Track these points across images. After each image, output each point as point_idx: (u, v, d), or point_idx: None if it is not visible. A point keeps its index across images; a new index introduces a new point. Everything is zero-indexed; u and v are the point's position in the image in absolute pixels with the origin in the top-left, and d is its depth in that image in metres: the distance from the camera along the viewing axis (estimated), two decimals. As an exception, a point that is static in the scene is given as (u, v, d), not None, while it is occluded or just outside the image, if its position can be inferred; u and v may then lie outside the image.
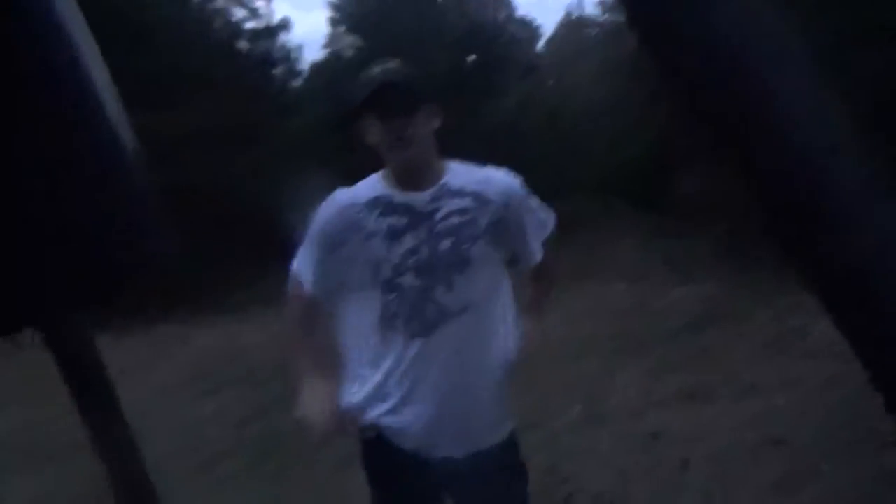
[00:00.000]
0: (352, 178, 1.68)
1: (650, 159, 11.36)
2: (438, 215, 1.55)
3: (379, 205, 1.56)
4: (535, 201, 1.71)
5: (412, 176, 1.57)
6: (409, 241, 1.53)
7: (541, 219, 1.73)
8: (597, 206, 12.95)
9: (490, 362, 1.60)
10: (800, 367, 4.13)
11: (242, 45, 9.92)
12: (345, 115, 1.63)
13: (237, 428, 4.16)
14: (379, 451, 1.60)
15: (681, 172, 8.61)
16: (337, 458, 3.47)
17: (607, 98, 13.47)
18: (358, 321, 1.61)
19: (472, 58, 13.01)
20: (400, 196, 1.56)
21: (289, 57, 10.08)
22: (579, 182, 12.88)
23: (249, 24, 9.78)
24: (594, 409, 3.82)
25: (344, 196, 1.61)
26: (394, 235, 1.54)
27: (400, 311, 1.54)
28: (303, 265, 1.66)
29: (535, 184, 1.72)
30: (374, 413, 1.58)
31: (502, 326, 1.64)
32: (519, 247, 1.68)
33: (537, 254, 1.74)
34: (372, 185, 1.60)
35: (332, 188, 1.67)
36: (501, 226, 1.60)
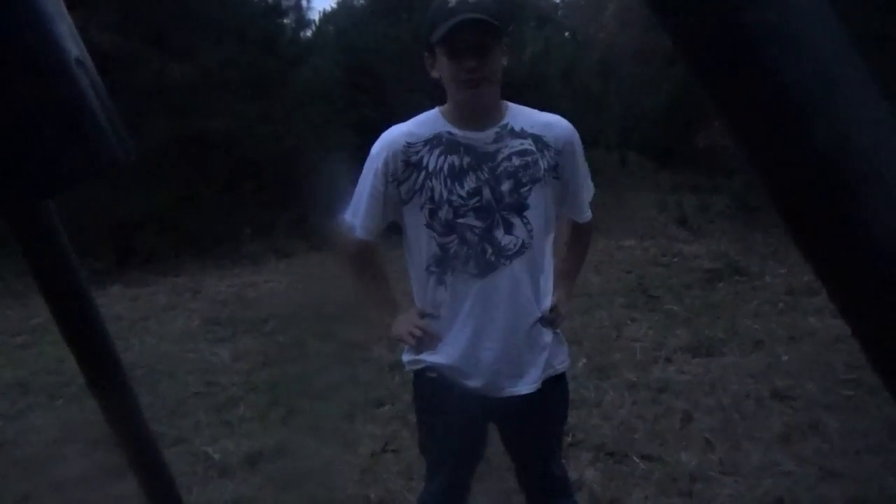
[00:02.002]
0: (362, 128, 1.67)
1: (668, 114, 11.16)
2: (500, 156, 1.52)
3: (440, 142, 1.52)
4: (584, 160, 1.67)
5: (476, 114, 1.53)
6: (470, 182, 1.50)
7: (588, 178, 1.70)
8: (613, 160, 12.81)
9: (541, 304, 1.61)
10: (808, 324, 4.13)
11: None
12: (422, 46, 1.55)
13: (249, 374, 4.25)
14: (437, 389, 1.60)
15: (699, 128, 8.48)
16: (344, 406, 3.55)
17: (625, 50, 13.17)
18: (414, 261, 1.60)
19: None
20: (462, 134, 1.52)
21: (299, 6, 9.90)
22: (595, 136, 12.70)
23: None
24: (599, 362, 3.85)
25: (402, 132, 1.56)
26: (455, 175, 1.50)
27: (458, 253, 1.52)
28: (353, 209, 1.61)
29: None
30: (436, 356, 1.59)
31: (548, 272, 1.64)
32: (570, 198, 1.65)
33: (587, 212, 1.71)
34: (432, 122, 1.56)
35: (343, 139, 1.66)
36: (557, 172, 1.57)
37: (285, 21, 10.15)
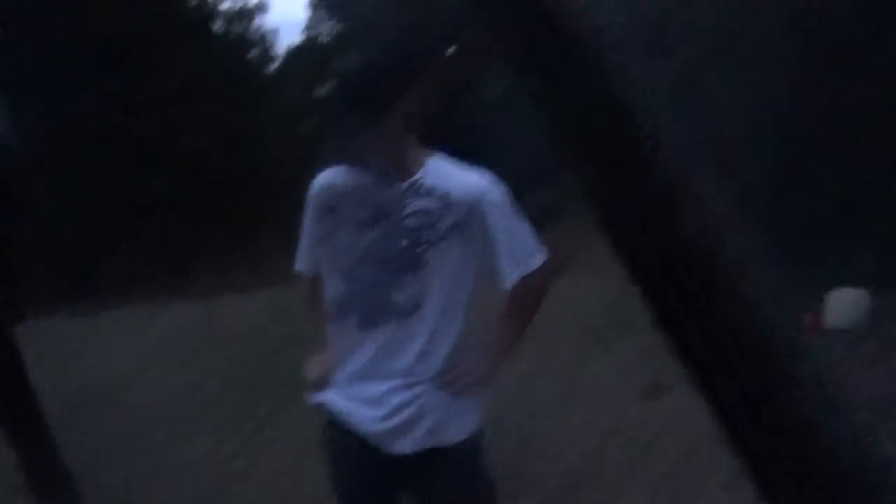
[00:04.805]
0: (324, 164, 1.66)
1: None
2: (404, 212, 1.52)
3: (356, 191, 1.56)
4: (518, 223, 1.56)
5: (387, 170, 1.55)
6: (372, 235, 1.53)
7: (519, 243, 1.55)
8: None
9: (438, 367, 1.54)
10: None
11: (218, 26, 9.71)
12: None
13: (205, 403, 4.18)
14: (335, 430, 1.59)
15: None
16: (295, 443, 3.47)
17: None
18: (327, 302, 1.62)
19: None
20: (374, 186, 1.54)
21: (264, 40, 9.90)
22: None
23: (225, 5, 9.57)
24: (564, 397, 3.83)
25: (329, 175, 1.61)
26: (361, 226, 1.53)
27: (351, 303, 1.54)
28: (300, 244, 1.69)
29: (523, 170, 1.66)
30: (329, 395, 1.59)
31: (449, 337, 1.55)
32: (487, 262, 1.54)
33: (507, 278, 1.53)
34: (355, 170, 1.57)
35: (305, 173, 1.67)
36: (466, 232, 1.51)
37: (248, 56, 10.11)
